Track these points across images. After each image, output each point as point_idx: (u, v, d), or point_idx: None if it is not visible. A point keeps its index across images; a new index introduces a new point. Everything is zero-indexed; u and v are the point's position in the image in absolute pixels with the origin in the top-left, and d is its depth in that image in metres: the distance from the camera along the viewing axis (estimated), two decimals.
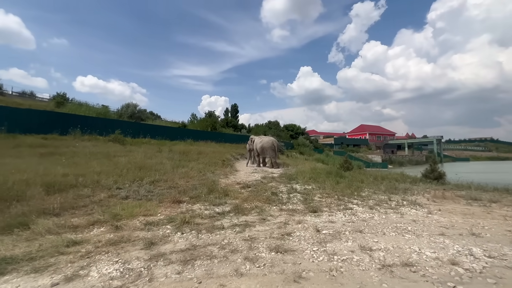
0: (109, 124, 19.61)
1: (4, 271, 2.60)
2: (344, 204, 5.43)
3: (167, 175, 8.01)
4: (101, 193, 5.64)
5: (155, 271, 2.57)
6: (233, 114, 57.35)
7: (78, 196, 5.22)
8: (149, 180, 6.98)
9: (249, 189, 6.73)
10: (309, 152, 41.43)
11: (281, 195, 6.07)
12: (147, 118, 33.38)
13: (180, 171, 8.79)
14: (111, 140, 17.07)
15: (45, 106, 27.37)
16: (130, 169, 8.30)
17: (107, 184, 6.24)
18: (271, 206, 5.09)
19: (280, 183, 7.89)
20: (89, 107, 28.59)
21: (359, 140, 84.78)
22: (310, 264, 2.67)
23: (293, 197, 5.95)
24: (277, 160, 13.89)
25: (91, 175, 6.97)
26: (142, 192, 5.72)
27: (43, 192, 5.11)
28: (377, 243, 3.25)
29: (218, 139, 27.61)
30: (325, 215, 4.60)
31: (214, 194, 5.92)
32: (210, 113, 48.08)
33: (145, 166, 8.99)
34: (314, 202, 5.45)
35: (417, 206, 5.38)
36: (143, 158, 10.98)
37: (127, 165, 8.98)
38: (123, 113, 29.19)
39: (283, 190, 6.74)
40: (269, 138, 14.44)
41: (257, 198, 5.54)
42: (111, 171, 7.73)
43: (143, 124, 25.25)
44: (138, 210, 4.40)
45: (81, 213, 4.40)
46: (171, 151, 14.89)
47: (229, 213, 4.56)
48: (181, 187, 6.67)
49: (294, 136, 54.75)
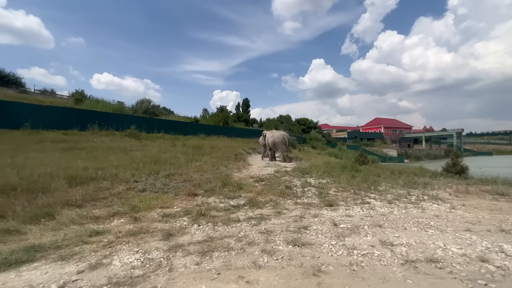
0: (124, 119, 20.10)
1: (34, 258, 2.73)
2: (361, 198, 5.30)
3: (181, 168, 8.14)
4: (120, 185, 5.81)
5: (174, 261, 2.61)
6: (244, 109, 57.29)
7: (98, 189, 5.41)
8: (164, 174, 7.12)
9: (262, 183, 6.72)
10: (321, 146, 40.83)
11: (295, 189, 6.01)
12: (161, 113, 33.99)
13: (194, 165, 8.91)
14: (127, 135, 17.55)
15: (64, 103, 28.51)
16: (146, 163, 8.50)
17: (125, 177, 6.42)
18: (285, 199, 5.06)
19: (293, 177, 7.82)
20: (106, 103, 29.41)
21: (373, 134, 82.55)
22: (329, 258, 2.62)
23: (308, 190, 5.88)
24: (288, 154, 13.88)
25: (110, 168, 7.19)
26: (158, 185, 5.85)
27: (66, 184, 5.33)
28: (398, 238, 3.14)
29: (230, 133, 27.71)
30: (341, 209, 4.51)
31: (228, 187, 5.95)
32: (222, 108, 48.24)
33: (160, 160, 9.18)
34: (330, 196, 5.36)
35: (439, 201, 5.16)
36: (158, 152, 11.21)
37: (143, 159, 9.20)
38: (137, 109, 29.84)
39: (297, 184, 6.67)
40: (280, 132, 14.43)
41: (271, 192, 5.52)
42: (128, 165, 7.94)
43: (157, 119, 25.71)
44: (155, 203, 4.50)
45: (101, 205, 4.55)
46: (184, 145, 15.12)
47: (244, 206, 4.58)
48: (195, 180, 6.76)
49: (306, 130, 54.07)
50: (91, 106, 24.25)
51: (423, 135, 75.42)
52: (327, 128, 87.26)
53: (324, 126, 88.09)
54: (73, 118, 17.11)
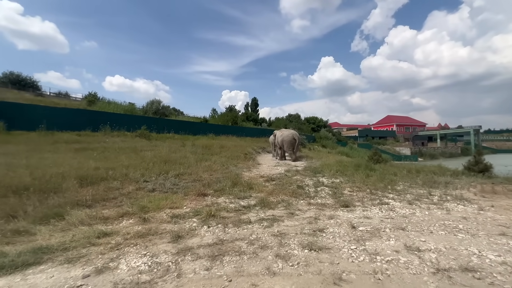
0: (135, 120, 20.41)
1: (41, 261, 2.65)
2: (379, 198, 5.00)
3: (191, 168, 8.06)
4: (130, 185, 5.76)
5: (183, 266, 2.46)
6: (253, 108, 57.20)
7: (108, 189, 5.37)
8: (174, 173, 7.05)
9: (273, 182, 6.52)
10: (331, 145, 40.16)
11: (307, 189, 5.78)
12: (171, 114, 34.36)
13: (203, 165, 8.82)
14: (138, 136, 17.79)
15: (78, 105, 29.33)
16: (156, 162, 8.48)
17: (134, 177, 6.38)
18: (298, 200, 4.84)
19: (305, 176, 7.57)
20: (117, 104, 29.98)
21: (385, 132, 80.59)
22: (350, 265, 2.40)
23: (321, 190, 5.63)
24: (297, 153, 13.65)
25: (120, 168, 7.19)
26: (168, 185, 5.76)
27: (77, 184, 5.32)
28: (424, 242, 2.87)
29: (239, 133, 27.69)
30: (358, 210, 4.25)
31: (238, 187, 5.79)
32: (231, 108, 48.31)
33: (170, 160, 9.15)
34: (345, 196, 5.09)
35: (465, 202, 4.80)
36: (168, 152, 11.22)
37: (153, 159, 9.20)
38: (148, 110, 30.27)
39: (309, 183, 6.43)
40: (290, 131, 14.28)
41: (282, 192, 5.31)
42: (138, 165, 7.94)
43: (167, 119, 25.98)
44: (165, 203, 4.39)
45: (111, 205, 4.49)
46: (194, 145, 15.14)
47: (254, 207, 4.39)
48: (205, 180, 6.64)
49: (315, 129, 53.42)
50: (103, 107, 24.80)
51: (438, 132, 72.85)
52: (337, 127, 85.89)
53: (334, 124, 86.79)
54: (86, 120, 17.51)
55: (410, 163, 10.22)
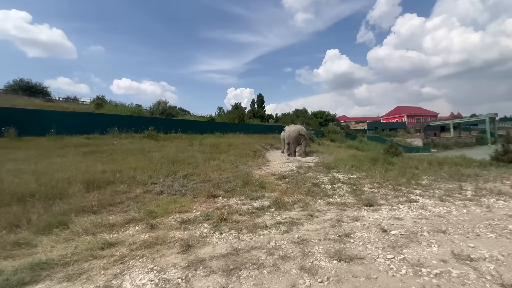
0: (142, 121, 20.42)
1: (38, 279, 2.39)
2: (404, 195, 4.54)
3: (199, 168, 7.79)
4: (137, 188, 5.52)
5: (194, 283, 2.14)
6: (259, 105, 56.80)
7: (115, 193, 5.14)
8: (182, 174, 6.78)
9: (286, 181, 6.15)
10: (340, 139, 39.44)
11: (323, 186, 5.37)
12: (177, 114, 34.38)
13: (212, 164, 8.53)
14: (146, 137, 17.76)
15: (86, 108, 29.68)
16: (163, 163, 8.26)
17: (142, 179, 6.14)
18: (315, 199, 4.45)
19: (318, 172, 7.17)
20: (124, 106, 30.21)
21: (395, 124, 78.61)
22: (391, 280, 2.02)
23: (338, 188, 5.21)
24: (306, 149, 13.33)
25: (127, 171, 6.99)
26: (176, 187, 5.49)
27: (83, 189, 5.12)
28: (474, 249, 2.45)
29: (246, 130, 27.52)
30: (385, 209, 3.84)
31: (249, 186, 5.45)
32: (237, 105, 48.09)
33: (178, 160, 8.92)
34: (366, 194, 4.66)
35: (504, 196, 4.30)
36: (176, 153, 11.02)
37: (160, 160, 8.99)
38: (155, 111, 30.33)
39: (324, 180, 6.03)
40: (296, 126, 14.12)
41: (297, 190, 4.92)
42: (146, 166, 7.73)
43: (174, 119, 25.93)
44: (173, 207, 4.10)
45: (118, 210, 4.23)
46: (201, 144, 14.94)
47: (269, 208, 4.04)
48: (214, 180, 6.35)
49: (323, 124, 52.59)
50: (111, 110, 24.99)
51: (450, 122, 70.41)
52: (346, 120, 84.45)
53: (342, 118, 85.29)
54: (94, 123, 17.59)
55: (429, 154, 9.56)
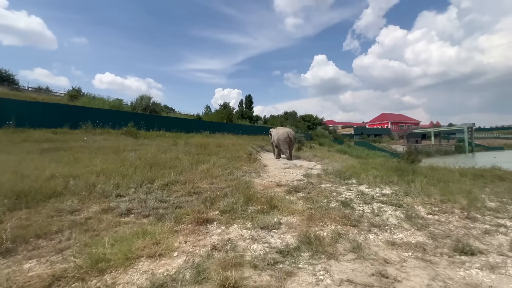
0: (122, 116, 18.46)
1: None
2: (497, 229, 3.02)
3: (185, 174, 6.19)
4: (93, 204, 3.88)
5: None
6: (247, 106, 55.59)
7: (57, 212, 3.46)
8: (161, 183, 5.16)
9: (300, 195, 4.71)
10: (329, 143, 39.05)
11: (358, 208, 3.91)
12: (161, 111, 32.20)
13: (200, 169, 6.96)
14: (124, 133, 15.88)
15: (58, 100, 26.76)
16: (139, 167, 6.58)
17: (105, 190, 4.47)
18: (361, 232, 2.95)
19: (334, 183, 5.82)
20: (103, 100, 27.62)
21: (380, 130, 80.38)
22: None
23: (380, 210, 3.71)
24: (292, 152, 13.24)
25: (88, 176, 5.28)
26: (151, 204, 3.87)
27: (6, 206, 3.40)
28: None
29: (235, 131, 26.22)
30: (502, 264, 2.28)
31: (254, 204, 3.99)
32: (225, 105, 46.63)
33: (157, 163, 7.26)
34: (434, 225, 3.12)
35: None
36: (156, 153, 9.31)
37: (136, 161, 7.28)
38: (137, 106, 28.00)
39: (351, 196, 4.58)
40: (284, 129, 13.73)
41: (326, 215, 3.38)
42: (115, 170, 6.03)
43: (157, 116, 23.98)
44: (141, 245, 2.51)
45: (46, 251, 2.57)
46: (187, 144, 13.28)
47: (299, 253, 2.45)
48: (204, 192, 4.81)
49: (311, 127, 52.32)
50: (87, 103, 22.51)
51: (432, 130, 73.11)
52: (333, 124, 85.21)
53: (329, 122, 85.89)
54: (65, 116, 15.56)
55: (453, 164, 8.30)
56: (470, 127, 69.11)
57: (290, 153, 12.89)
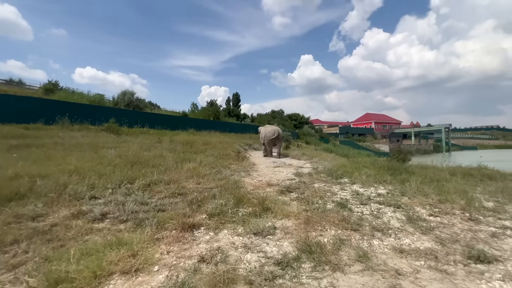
0: (102, 112, 17.48)
1: None
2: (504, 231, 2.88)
3: (169, 173, 5.76)
4: (62, 208, 3.41)
5: None
6: (235, 103, 55.04)
7: (16, 218, 2.98)
8: (143, 183, 4.72)
9: (293, 196, 4.43)
10: (315, 141, 39.46)
11: (356, 209, 3.66)
12: (146, 107, 31.04)
13: (186, 167, 6.54)
14: (105, 130, 15.00)
15: (32, 94, 24.97)
16: (118, 165, 6.06)
17: (77, 191, 3.99)
18: (362, 236, 2.70)
19: (326, 183, 5.63)
20: (82, 94, 26.12)
21: (364, 129, 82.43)
22: None
23: (380, 212, 3.52)
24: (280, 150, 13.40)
25: (58, 175, 4.74)
26: (130, 207, 3.46)
27: None
28: None
29: (222, 128, 25.76)
30: None
31: (245, 206, 3.69)
32: (212, 102, 45.89)
33: (139, 161, 6.76)
34: (438, 228, 2.93)
35: None
36: (139, 150, 8.75)
37: (115, 159, 6.73)
38: (119, 101, 26.74)
39: (346, 196, 4.36)
40: (273, 127, 13.76)
41: (324, 218, 3.10)
42: (92, 169, 5.50)
43: (141, 112, 22.98)
44: (114, 257, 2.11)
45: None
46: (172, 141, 12.72)
47: (299, 262, 2.18)
48: (190, 192, 4.44)
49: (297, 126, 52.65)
50: (64, 97, 21.13)
51: (412, 130, 76.14)
52: (319, 124, 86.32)
53: (315, 121, 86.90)
54: (39, 110, 14.48)
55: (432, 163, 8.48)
56: (447, 127, 72.74)
57: (278, 150, 12.95)
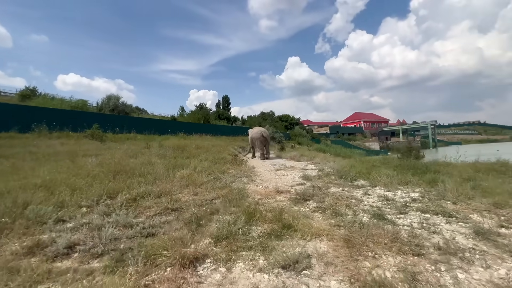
0: (85, 118, 16.37)
1: None
2: None
3: (159, 183, 4.88)
4: (14, 238, 2.51)
5: None
6: (225, 106, 54.36)
7: None
8: (127, 197, 3.84)
9: (312, 205, 3.66)
10: (307, 142, 39.31)
11: (399, 221, 2.91)
12: (132, 112, 29.66)
13: (179, 175, 5.67)
14: (87, 136, 13.84)
15: (7, 100, 23.20)
16: (98, 176, 5.12)
17: (39, 211, 3.08)
18: (435, 265, 1.97)
19: (341, 186, 4.91)
20: (63, 100, 24.53)
21: (354, 128, 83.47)
22: None
23: (430, 223, 2.78)
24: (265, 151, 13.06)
25: (20, 191, 3.79)
26: (109, 232, 2.59)
27: None
28: None
29: (213, 132, 24.98)
30: None
31: (258, 223, 2.91)
32: (201, 105, 44.99)
33: (124, 170, 5.83)
34: None
35: None
36: (124, 157, 7.79)
37: (95, 169, 5.78)
38: (104, 107, 25.32)
39: (375, 203, 3.55)
40: (259, 128, 13.81)
41: (368, 237, 2.34)
42: (64, 181, 4.55)
43: (127, 117, 21.79)
44: None
45: None
46: (162, 146, 11.77)
47: None
48: (187, 207, 3.60)
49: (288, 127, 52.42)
50: (43, 103, 19.66)
51: (400, 127, 77.87)
52: (309, 124, 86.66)
53: (305, 122, 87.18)
54: (11, 117, 13.22)
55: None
56: (433, 124, 74.88)
57: (266, 151, 12.81)
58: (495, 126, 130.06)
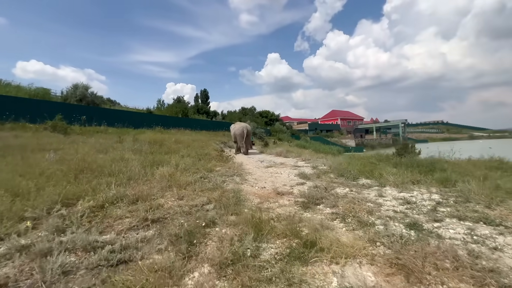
0: (47, 108, 14.49)
1: None
2: None
3: (135, 184, 4.00)
4: None
5: None
6: (204, 100, 52.81)
7: None
8: (91, 204, 2.95)
9: (324, 210, 3.12)
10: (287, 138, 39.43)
11: (444, 233, 2.40)
12: (103, 103, 27.20)
13: (159, 173, 4.80)
14: (48, 128, 12.11)
15: None
16: (53, 175, 4.10)
17: None
18: None
19: (347, 186, 4.40)
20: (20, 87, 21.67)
21: (331, 126, 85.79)
22: None
23: (481, 237, 2.32)
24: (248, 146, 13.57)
25: None
26: (59, 260, 1.77)
27: None
28: None
29: (192, 126, 23.84)
30: None
31: (271, 238, 2.26)
32: (179, 99, 43.13)
33: (90, 167, 4.82)
34: None
35: None
36: (91, 152, 6.65)
37: (52, 166, 4.69)
38: (69, 96, 22.77)
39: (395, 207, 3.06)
40: (241, 124, 13.96)
41: (424, 259, 1.73)
42: (4, 183, 3.50)
43: (97, 108, 19.80)
44: None
45: None
46: (136, 140, 10.59)
47: None
48: (172, 216, 2.83)
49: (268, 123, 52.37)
50: None
51: (373, 125, 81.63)
52: (288, 120, 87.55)
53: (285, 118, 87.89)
54: None
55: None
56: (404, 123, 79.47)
57: (247, 147, 13.06)
58: (455, 126, 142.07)
